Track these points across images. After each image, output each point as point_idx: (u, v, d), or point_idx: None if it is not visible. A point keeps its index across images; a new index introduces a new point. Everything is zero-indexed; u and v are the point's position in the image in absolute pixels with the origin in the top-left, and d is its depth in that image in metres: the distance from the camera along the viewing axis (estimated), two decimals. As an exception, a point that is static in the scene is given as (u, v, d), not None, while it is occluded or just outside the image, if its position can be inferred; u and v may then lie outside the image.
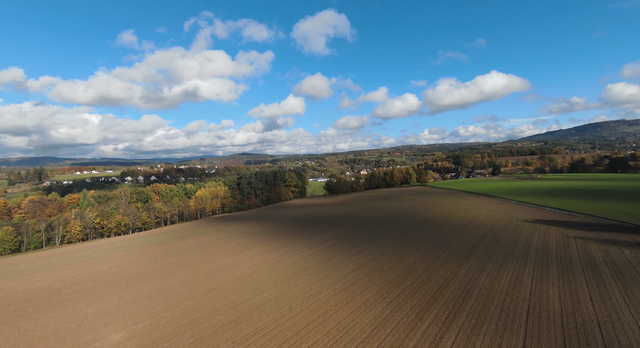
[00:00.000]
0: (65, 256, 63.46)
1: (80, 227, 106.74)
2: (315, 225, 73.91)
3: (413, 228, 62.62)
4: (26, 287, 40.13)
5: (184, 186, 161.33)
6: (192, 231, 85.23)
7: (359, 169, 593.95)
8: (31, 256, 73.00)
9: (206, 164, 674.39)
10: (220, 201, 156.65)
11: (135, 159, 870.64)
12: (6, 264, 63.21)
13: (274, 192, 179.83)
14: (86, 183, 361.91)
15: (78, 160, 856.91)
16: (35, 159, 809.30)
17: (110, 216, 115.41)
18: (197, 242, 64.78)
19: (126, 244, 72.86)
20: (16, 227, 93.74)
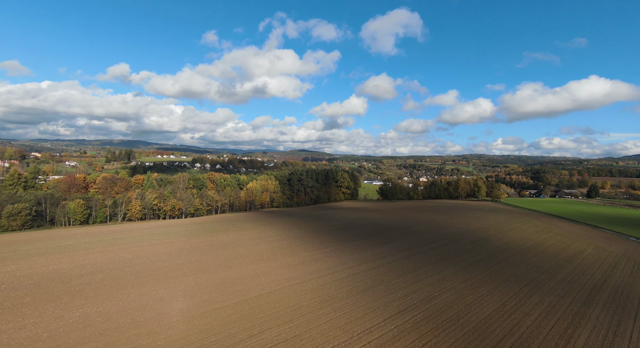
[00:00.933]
0: (107, 237, 64.40)
1: (140, 207, 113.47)
2: (359, 236, 63.80)
3: (484, 258, 48.54)
4: (42, 269, 38.41)
5: (237, 177, 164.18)
6: (231, 225, 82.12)
7: (418, 175, 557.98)
8: (85, 231, 77.11)
9: (267, 157, 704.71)
10: (269, 196, 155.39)
11: (207, 148, 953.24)
12: (57, 237, 66.69)
13: (324, 191, 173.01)
14: (163, 166, 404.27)
15: (162, 145, 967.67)
16: (131, 142, 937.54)
17: (167, 200, 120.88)
18: (229, 239, 60.00)
19: (166, 231, 72.11)
20: (87, 201, 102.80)
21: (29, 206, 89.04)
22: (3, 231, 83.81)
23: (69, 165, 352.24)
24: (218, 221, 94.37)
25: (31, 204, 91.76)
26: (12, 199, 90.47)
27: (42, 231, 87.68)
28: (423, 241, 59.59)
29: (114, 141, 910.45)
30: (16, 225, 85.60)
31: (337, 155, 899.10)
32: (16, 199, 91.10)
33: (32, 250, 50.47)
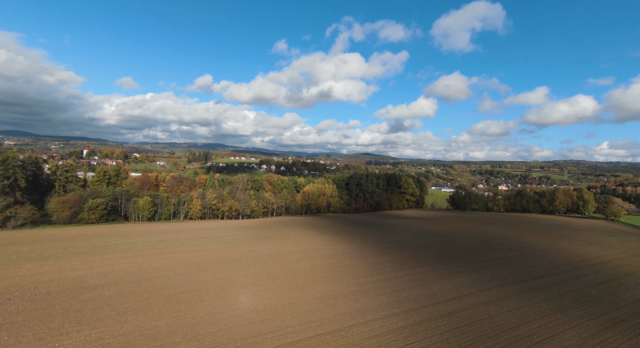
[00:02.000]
0: (153, 237, 63.48)
1: (200, 206, 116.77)
2: (424, 259, 50.51)
3: (628, 316, 31.48)
4: (62, 275, 35.68)
5: (295, 180, 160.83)
6: (278, 232, 75.87)
7: (496, 183, 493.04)
8: (141, 229, 79.16)
9: (330, 160, 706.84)
10: (326, 200, 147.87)
11: (275, 151, 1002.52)
12: (112, 234, 68.46)
13: (385, 198, 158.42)
14: (234, 167, 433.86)
15: (236, 148, 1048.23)
16: (211, 144, 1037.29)
17: (225, 200, 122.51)
18: (268, 251, 52.93)
19: (210, 235, 69.09)
20: (153, 198, 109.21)
21: (105, 201, 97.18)
22: (84, 223, 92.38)
23: (159, 164, 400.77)
24: (267, 226, 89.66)
25: (108, 199, 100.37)
26: (94, 194, 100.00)
27: (114, 225, 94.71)
28: (517, 274, 43.61)
29: (198, 144, 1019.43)
30: (94, 218, 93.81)
31: (403, 159, 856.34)
32: (97, 195, 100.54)
33: (71, 248, 50.66)
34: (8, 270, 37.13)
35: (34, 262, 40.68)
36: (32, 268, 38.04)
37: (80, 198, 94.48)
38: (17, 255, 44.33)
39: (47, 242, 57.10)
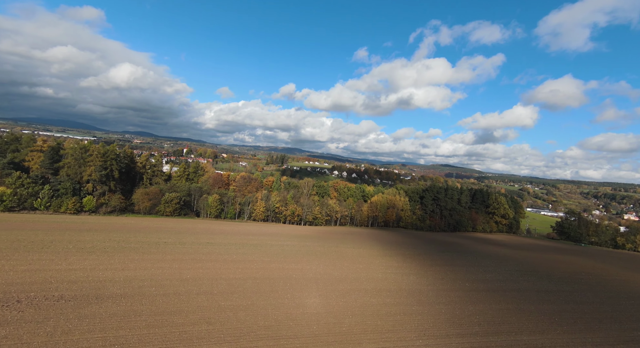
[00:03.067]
0: (203, 239, 60.97)
1: (263, 208, 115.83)
2: (541, 319, 34.48)
3: None
4: (91, 275, 33.13)
5: (362, 188, 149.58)
6: (334, 248, 66.51)
7: (620, 210, 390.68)
8: (200, 228, 79.13)
9: (405, 170, 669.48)
10: (396, 213, 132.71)
11: (349, 157, 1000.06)
12: (171, 230, 68.68)
13: (468, 217, 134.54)
14: (307, 171, 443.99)
15: (312, 153, 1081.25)
16: (290, 149, 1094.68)
17: (288, 204, 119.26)
18: (314, 274, 44.02)
19: (261, 243, 63.78)
20: (221, 196, 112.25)
21: (179, 196, 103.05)
22: (159, 215, 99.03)
23: (241, 164, 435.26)
24: (325, 237, 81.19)
25: (183, 194, 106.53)
26: (172, 188, 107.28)
27: (182, 219, 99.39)
28: None
29: (278, 148, 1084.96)
30: (169, 211, 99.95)
31: (490, 174, 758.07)
32: (175, 189, 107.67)
33: (125, 242, 50.18)
34: (52, 261, 36.40)
35: (80, 255, 40.01)
36: (73, 263, 36.79)
37: (160, 191, 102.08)
38: (74, 245, 45.10)
39: (112, 232, 59.31)
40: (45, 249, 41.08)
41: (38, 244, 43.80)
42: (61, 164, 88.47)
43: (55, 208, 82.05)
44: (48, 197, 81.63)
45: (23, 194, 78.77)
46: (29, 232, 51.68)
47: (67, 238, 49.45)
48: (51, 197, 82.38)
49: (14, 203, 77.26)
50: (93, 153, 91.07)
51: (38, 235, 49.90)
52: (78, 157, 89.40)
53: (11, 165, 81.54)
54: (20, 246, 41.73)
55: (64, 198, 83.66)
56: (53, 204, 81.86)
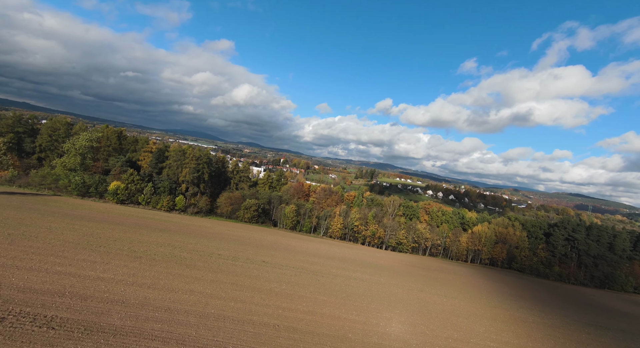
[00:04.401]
0: (261, 256, 53.80)
1: (341, 225, 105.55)
2: None
3: None
4: (110, 292, 28.29)
5: (462, 214, 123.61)
6: (417, 291, 50.35)
7: None
8: (268, 240, 73.47)
9: (518, 196, 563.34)
10: (508, 250, 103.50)
11: (447, 177, 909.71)
12: (239, 239, 64.33)
13: (626, 271, 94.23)
14: (397, 188, 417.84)
15: (405, 170, 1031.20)
16: (382, 164, 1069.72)
17: (369, 223, 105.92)
18: (383, 336, 30.46)
19: (324, 270, 52.96)
20: (298, 207, 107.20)
21: (258, 203, 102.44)
22: (238, 221, 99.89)
23: (331, 177, 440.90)
24: (407, 273, 64.82)
25: (263, 202, 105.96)
26: (253, 195, 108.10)
27: (257, 227, 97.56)
28: None
29: (370, 162, 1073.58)
30: (247, 217, 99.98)
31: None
32: (256, 196, 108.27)
33: (180, 249, 46.58)
34: (89, 265, 33.98)
35: (122, 260, 37.19)
36: (107, 270, 33.61)
37: (242, 197, 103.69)
38: (131, 246, 43.57)
39: (180, 235, 58.32)
40: (99, 248, 39.89)
41: (99, 241, 43.67)
42: (164, 164, 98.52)
43: (154, 204, 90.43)
44: (150, 194, 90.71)
45: (132, 190, 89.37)
46: (109, 226, 54.13)
47: (134, 237, 49.21)
48: (152, 194, 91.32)
49: (124, 197, 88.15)
50: (189, 156, 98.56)
51: (113, 230, 51.37)
52: (177, 159, 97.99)
53: (128, 163, 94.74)
54: (83, 241, 41.85)
55: (162, 196, 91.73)
56: (152, 200, 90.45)
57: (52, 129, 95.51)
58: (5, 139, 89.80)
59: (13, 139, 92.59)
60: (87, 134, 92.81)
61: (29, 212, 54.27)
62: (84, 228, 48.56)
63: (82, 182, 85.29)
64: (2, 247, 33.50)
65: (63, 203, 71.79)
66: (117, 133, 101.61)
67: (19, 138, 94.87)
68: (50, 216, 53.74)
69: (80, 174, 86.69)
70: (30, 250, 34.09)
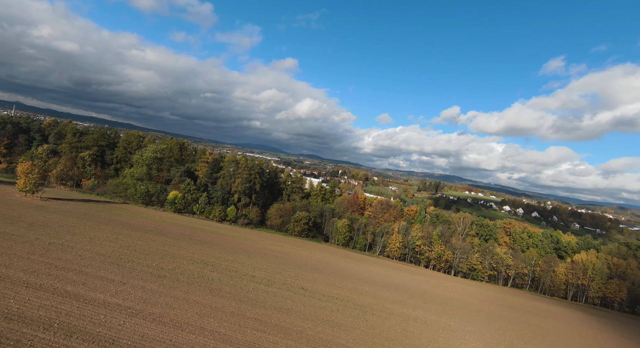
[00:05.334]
0: (300, 279, 46.37)
1: (400, 244, 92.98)
2: None
3: None
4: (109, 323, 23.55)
5: (556, 237, 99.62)
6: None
7: None
8: (315, 259, 65.92)
9: (626, 216, 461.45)
10: (630, 289, 78.57)
11: (527, 191, 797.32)
12: (281, 257, 58.11)
13: None
14: (466, 202, 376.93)
15: (475, 183, 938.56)
16: (448, 176, 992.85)
17: (433, 244, 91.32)
18: None
19: (374, 303, 43.17)
20: (351, 222, 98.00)
21: (309, 216, 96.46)
22: (288, 234, 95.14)
23: (391, 189, 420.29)
24: (487, 313, 50.53)
25: (314, 214, 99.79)
26: (304, 207, 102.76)
27: (307, 242, 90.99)
28: None
29: (434, 174, 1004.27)
30: (297, 230, 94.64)
31: None
32: (307, 208, 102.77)
33: (212, 265, 41.82)
34: (107, 283, 30.44)
35: (144, 279, 33.67)
36: (120, 292, 30.17)
37: (292, 209, 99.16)
38: (161, 262, 40.47)
39: (218, 249, 54.78)
40: (126, 263, 37.28)
41: (131, 254, 41.69)
42: (219, 174, 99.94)
43: (207, 214, 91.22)
44: (204, 203, 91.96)
45: (188, 199, 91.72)
46: (152, 237, 53.11)
47: (169, 250, 46.63)
48: (206, 204, 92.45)
49: (181, 206, 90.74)
50: (242, 166, 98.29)
51: (154, 242, 49.82)
52: (230, 169, 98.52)
53: (186, 173, 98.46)
54: (115, 254, 40.00)
55: (215, 206, 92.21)
56: (206, 210, 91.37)
57: (126, 142, 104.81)
58: (90, 151, 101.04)
59: (97, 151, 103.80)
60: (153, 146, 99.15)
61: (87, 220, 56.46)
62: (126, 239, 47.69)
63: (146, 191, 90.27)
64: (31, 259, 32.41)
65: (125, 211, 75.48)
66: (180, 145, 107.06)
67: (101, 151, 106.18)
68: (104, 225, 54.96)
69: (145, 184, 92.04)
70: (55, 263, 32.40)
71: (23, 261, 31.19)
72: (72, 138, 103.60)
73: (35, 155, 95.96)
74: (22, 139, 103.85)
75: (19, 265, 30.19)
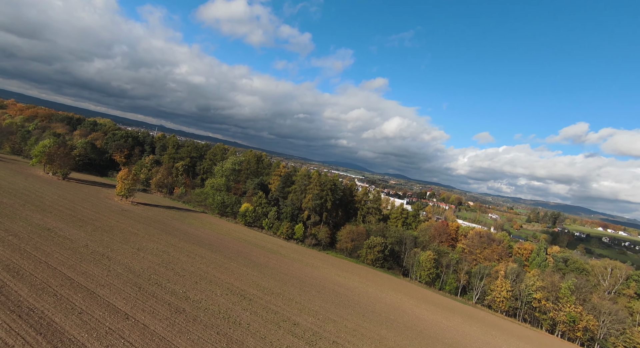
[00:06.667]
0: (358, 336, 33.58)
1: (507, 294, 69.20)
2: None
3: None
4: None
5: None
6: None
7: None
8: (389, 302, 51.39)
9: None
10: None
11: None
12: (349, 301, 46.01)
13: None
14: (601, 242, 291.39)
15: (611, 217, 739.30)
16: (568, 206, 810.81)
17: (562, 301, 64.83)
18: None
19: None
20: (439, 255, 78.60)
21: (385, 242, 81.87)
22: (360, 261, 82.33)
23: (490, 217, 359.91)
24: None
25: (391, 241, 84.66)
26: (381, 231, 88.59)
27: (383, 274, 76.01)
28: None
29: (549, 203, 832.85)
30: (370, 259, 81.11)
31: None
32: (383, 233, 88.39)
33: (245, 303, 33.31)
34: (99, 322, 24.85)
35: (156, 314, 27.30)
36: (117, 330, 24.14)
37: (366, 232, 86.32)
38: (187, 289, 34.13)
39: (271, 277, 46.70)
40: (150, 287, 32.00)
41: (164, 274, 36.77)
42: (290, 189, 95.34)
43: (275, 230, 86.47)
44: (273, 218, 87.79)
45: (259, 213, 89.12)
46: (204, 253, 48.81)
47: (209, 271, 40.66)
48: (275, 219, 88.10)
49: (251, 219, 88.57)
50: (313, 181, 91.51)
51: (202, 259, 45.06)
52: (302, 184, 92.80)
53: (259, 186, 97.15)
54: (147, 272, 35.52)
55: (283, 222, 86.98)
56: (274, 226, 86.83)
57: (212, 154, 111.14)
58: (184, 162, 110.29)
59: (189, 162, 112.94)
60: (233, 158, 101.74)
61: (154, 227, 56.46)
62: (173, 253, 44.03)
63: (221, 202, 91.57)
64: (56, 270, 29.58)
65: (198, 221, 76.14)
66: (257, 157, 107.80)
67: (193, 162, 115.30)
68: (166, 234, 53.72)
69: (222, 195, 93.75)
70: (73, 279, 28.72)
71: (42, 272, 28.33)
72: (172, 149, 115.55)
73: (143, 164, 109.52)
74: (137, 151, 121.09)
75: (34, 277, 27.16)
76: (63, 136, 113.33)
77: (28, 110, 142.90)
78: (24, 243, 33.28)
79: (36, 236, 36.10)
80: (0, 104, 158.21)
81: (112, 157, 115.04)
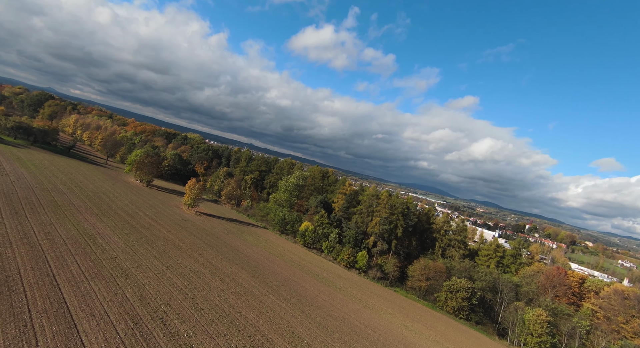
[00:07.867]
0: None
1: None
2: None
3: None
4: None
5: None
6: None
7: None
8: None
9: None
10: None
11: None
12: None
13: None
14: None
15: None
16: None
17: None
18: None
19: None
20: (555, 316, 55.74)
21: (472, 287, 63.11)
22: (437, 308, 65.16)
23: (620, 264, 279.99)
24: None
25: (481, 286, 65.20)
26: (465, 271, 69.76)
27: (470, 330, 57.26)
28: None
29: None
30: (450, 306, 63.34)
31: None
32: (469, 274, 69.34)
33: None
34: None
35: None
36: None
37: (446, 270, 68.79)
38: (192, 334, 26.61)
39: (309, 321, 36.70)
40: (154, 324, 25.49)
41: (174, 305, 30.73)
42: (355, 210, 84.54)
43: (334, 256, 76.35)
44: (334, 241, 78.12)
45: (319, 234, 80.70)
46: (244, 279, 41.98)
47: (238, 308, 32.98)
48: (336, 242, 78.25)
49: (310, 240, 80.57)
50: (382, 202, 79.02)
51: (234, 288, 38.06)
52: (369, 205, 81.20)
53: (322, 204, 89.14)
54: (157, 300, 29.68)
55: (345, 247, 76.38)
56: (335, 250, 76.87)
57: (279, 168, 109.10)
58: (253, 175, 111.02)
59: (258, 176, 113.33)
60: (298, 173, 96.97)
61: (203, 241, 53.02)
62: (205, 276, 38.19)
63: (282, 218, 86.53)
64: (47, 294, 25.64)
65: (253, 237, 71.76)
66: (322, 173, 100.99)
67: (262, 176, 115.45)
68: (211, 250, 49.36)
69: (283, 211, 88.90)
70: (62, 305, 24.10)
71: (39, 289, 24.44)
72: (244, 162, 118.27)
73: (217, 176, 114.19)
74: (215, 163, 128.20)
75: (22, 295, 23.22)
76: (158, 148, 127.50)
77: (140, 126, 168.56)
78: (50, 250, 31.26)
79: (70, 243, 34.32)
80: (124, 122, 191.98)
81: (194, 168, 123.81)
